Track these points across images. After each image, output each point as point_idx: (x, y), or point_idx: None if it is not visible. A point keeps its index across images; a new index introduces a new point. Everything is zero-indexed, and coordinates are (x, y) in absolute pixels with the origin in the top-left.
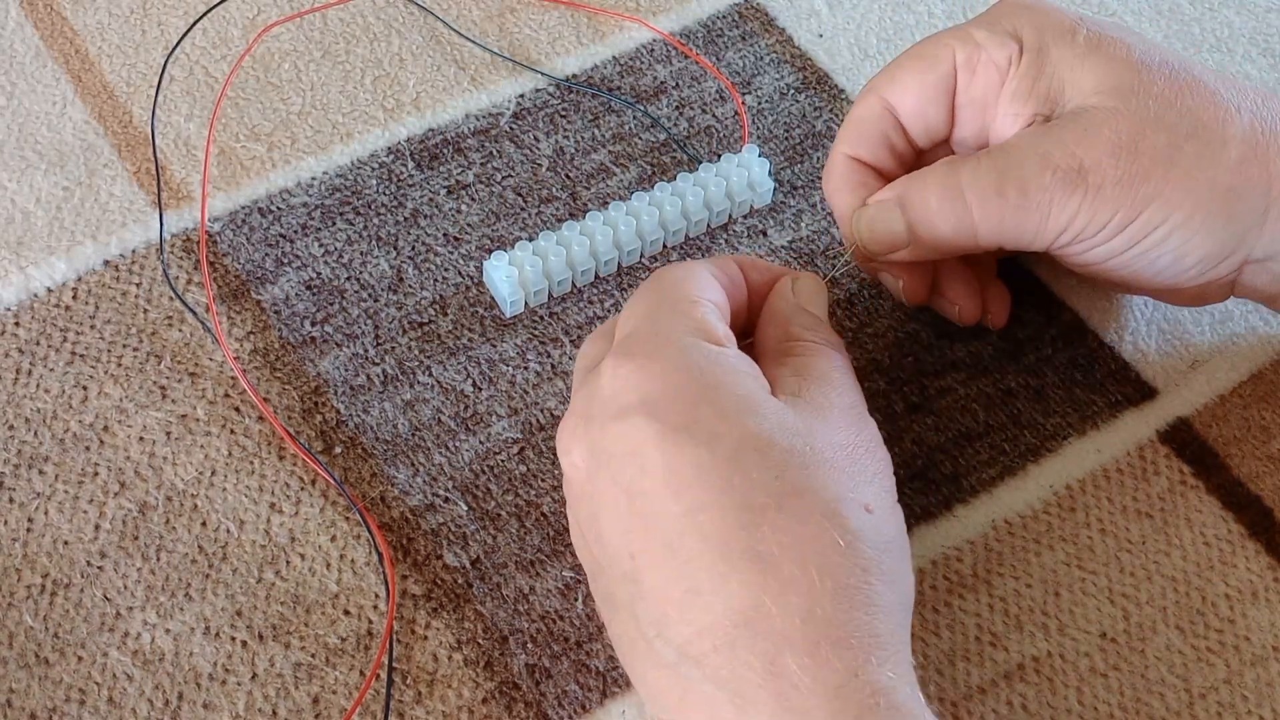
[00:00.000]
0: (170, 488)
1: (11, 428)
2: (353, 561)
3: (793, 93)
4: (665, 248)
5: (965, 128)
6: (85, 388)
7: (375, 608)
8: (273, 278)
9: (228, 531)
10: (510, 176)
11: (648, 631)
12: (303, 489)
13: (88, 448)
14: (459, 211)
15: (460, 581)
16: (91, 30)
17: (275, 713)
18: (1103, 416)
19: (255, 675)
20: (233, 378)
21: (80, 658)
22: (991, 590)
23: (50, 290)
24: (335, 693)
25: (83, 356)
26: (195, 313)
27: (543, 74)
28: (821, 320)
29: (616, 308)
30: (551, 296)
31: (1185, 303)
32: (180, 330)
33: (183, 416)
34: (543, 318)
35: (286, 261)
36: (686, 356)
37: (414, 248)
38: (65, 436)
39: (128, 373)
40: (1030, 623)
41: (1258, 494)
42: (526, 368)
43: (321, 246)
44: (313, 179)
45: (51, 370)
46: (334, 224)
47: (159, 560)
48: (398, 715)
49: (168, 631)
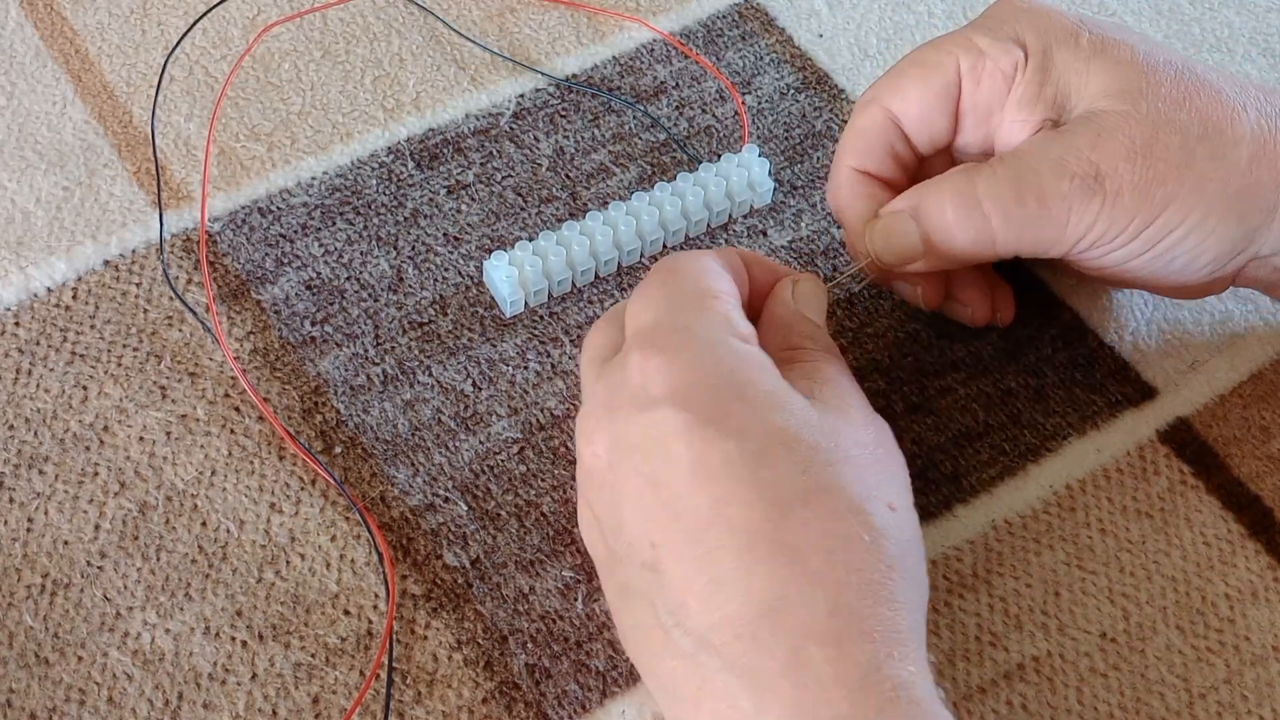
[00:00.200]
0: (170, 488)
1: (11, 428)
2: (353, 561)
3: (793, 93)
4: (665, 248)
5: (969, 134)
6: (85, 388)
7: (375, 608)
8: (273, 278)
9: (228, 531)
10: (510, 176)
11: (665, 621)
12: (303, 489)
13: (88, 448)
14: (459, 211)
15: (460, 581)
16: (91, 30)
17: (275, 713)
18: (1103, 416)
19: (255, 675)
20: (233, 378)
21: (80, 658)
22: (991, 590)
23: (50, 290)
24: (335, 693)
25: (83, 356)
26: (195, 313)
27: (543, 74)
28: (820, 327)
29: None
30: (551, 296)
31: (1189, 296)
32: (180, 330)
33: (183, 416)
34: (543, 318)
35: (286, 261)
36: (715, 351)
37: (414, 248)
38: (65, 436)
39: (128, 373)
40: (1030, 623)
41: (1258, 494)
42: (526, 368)
43: (321, 246)
44: (313, 179)
45: (51, 370)
46: (334, 224)
47: (159, 560)
48: (398, 715)
49: (168, 631)
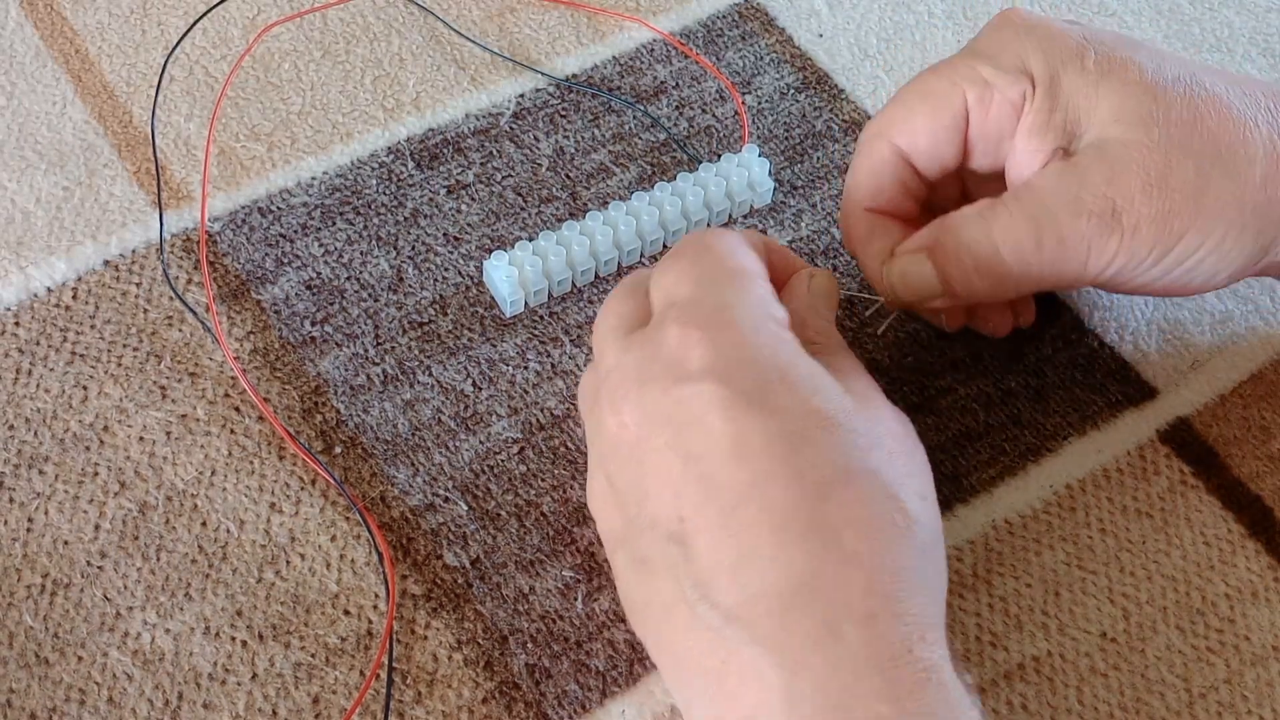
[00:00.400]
0: (170, 488)
1: (11, 428)
2: (353, 561)
3: (793, 93)
4: (665, 248)
5: (979, 160)
6: (85, 388)
7: (375, 608)
8: (273, 278)
9: (228, 531)
10: (510, 176)
11: (690, 595)
12: (303, 489)
13: (88, 448)
14: (459, 211)
15: (460, 581)
16: (91, 30)
17: (275, 713)
18: (1103, 416)
19: (255, 675)
20: (233, 378)
21: (80, 658)
22: (991, 590)
23: (50, 290)
24: (335, 693)
25: (83, 356)
26: (195, 313)
27: (543, 74)
28: (831, 324)
29: None
30: (551, 296)
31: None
32: (180, 330)
33: (183, 416)
34: (543, 318)
35: (286, 261)
36: (756, 330)
37: (414, 247)
38: (65, 436)
39: (128, 373)
40: (1030, 623)
41: (1258, 494)
42: (526, 368)
43: (321, 246)
44: (313, 179)
45: (51, 370)
46: (334, 224)
47: (159, 560)
48: (398, 715)
49: (168, 631)
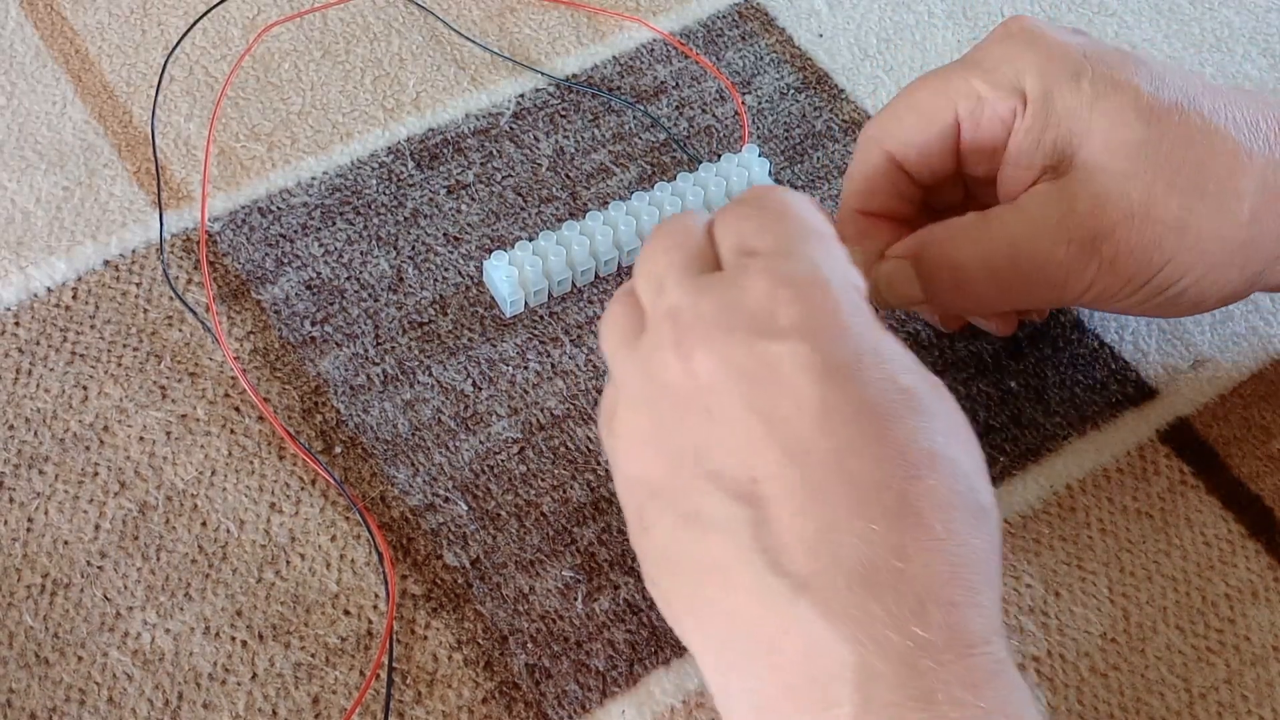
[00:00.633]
0: (170, 488)
1: (11, 428)
2: (353, 561)
3: (793, 93)
4: None
5: (974, 168)
6: (85, 388)
7: (375, 608)
8: (273, 278)
9: (228, 531)
10: (510, 176)
11: (756, 560)
12: (303, 489)
13: (88, 448)
14: (459, 211)
15: (460, 581)
16: (91, 30)
17: (275, 713)
18: (1103, 416)
19: (255, 675)
20: (233, 378)
21: (80, 658)
22: None
23: (50, 290)
24: (335, 693)
25: (83, 356)
26: (195, 313)
27: (543, 74)
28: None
29: None
30: (551, 296)
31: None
32: (180, 330)
33: (183, 416)
34: (543, 318)
35: (286, 261)
36: (849, 298)
37: (414, 247)
38: (65, 436)
39: (128, 373)
40: (1030, 623)
41: (1258, 494)
42: (526, 368)
43: (321, 246)
44: (313, 179)
45: (51, 370)
46: (334, 224)
47: (159, 560)
48: (398, 715)
49: (168, 631)
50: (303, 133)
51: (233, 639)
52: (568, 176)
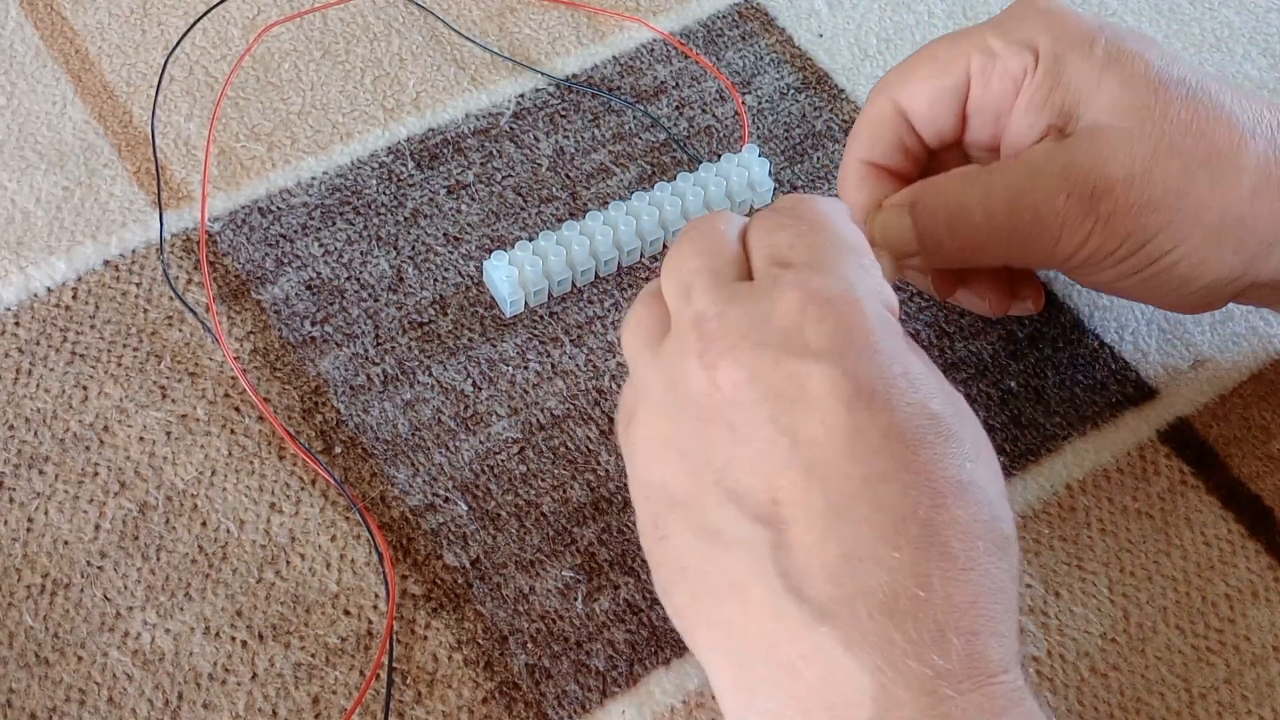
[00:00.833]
0: (170, 488)
1: (11, 428)
2: (353, 561)
3: (793, 93)
4: (665, 248)
5: (977, 133)
6: (85, 388)
7: (375, 608)
8: (273, 278)
9: (228, 531)
10: (510, 176)
11: (776, 583)
12: (303, 489)
13: (88, 448)
14: (459, 211)
15: (460, 581)
16: (91, 30)
17: (275, 713)
18: (1103, 416)
19: (255, 675)
20: (233, 378)
21: (80, 658)
22: None
23: (50, 290)
24: (335, 693)
25: (83, 356)
26: (195, 313)
27: (543, 74)
28: None
29: (617, 307)
30: (551, 296)
31: (1186, 312)
32: (180, 330)
33: (183, 416)
34: (543, 318)
35: (286, 261)
36: (881, 320)
37: (414, 248)
38: (65, 436)
39: (128, 373)
40: (1030, 623)
41: (1258, 494)
42: (526, 368)
43: (321, 246)
44: (313, 179)
45: (51, 370)
46: (334, 224)
47: (159, 560)
48: (398, 715)
49: (168, 631)
50: (303, 133)
51: (233, 639)
52: (568, 176)
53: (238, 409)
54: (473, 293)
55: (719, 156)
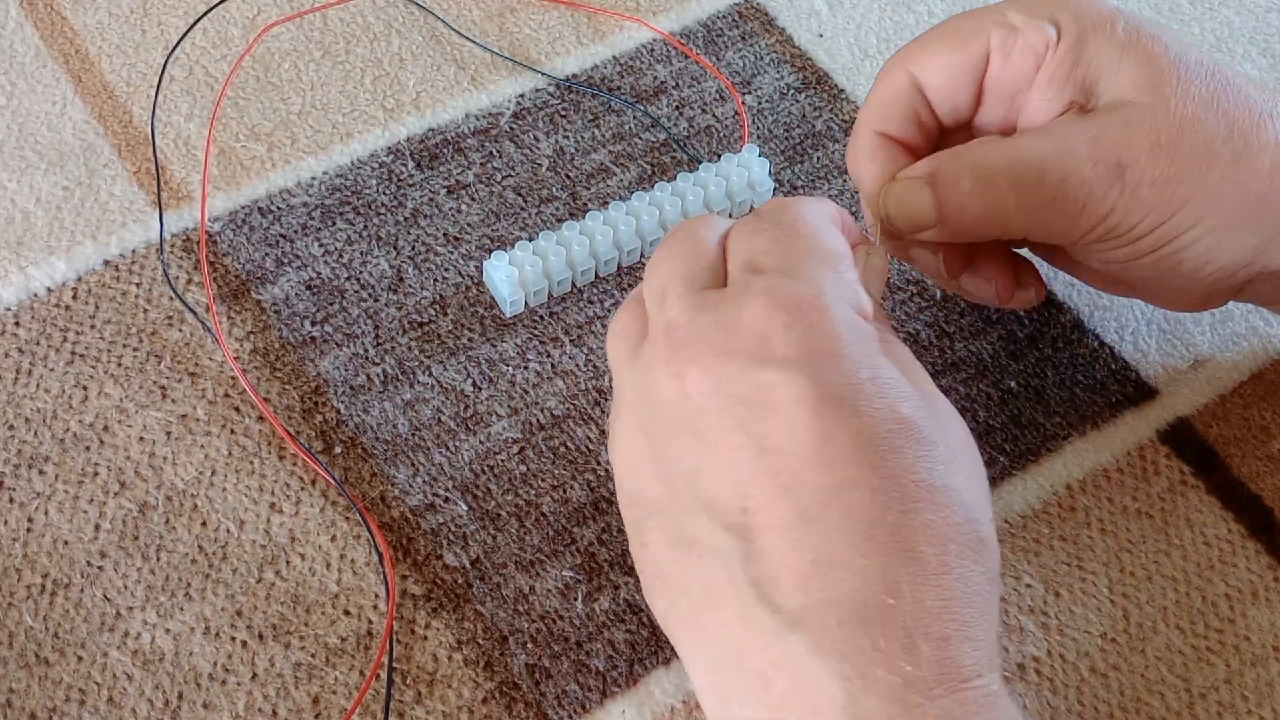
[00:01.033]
0: (170, 488)
1: (11, 428)
2: (353, 561)
3: (793, 93)
4: None
5: (990, 112)
6: (85, 388)
7: (375, 608)
8: (273, 278)
9: (228, 531)
10: (510, 176)
11: (746, 592)
12: (303, 489)
13: (88, 448)
14: (459, 211)
15: (460, 581)
16: (91, 30)
17: (275, 713)
18: (1103, 416)
19: (255, 675)
20: (233, 378)
21: (80, 658)
22: None
23: (50, 290)
24: (335, 693)
25: (83, 356)
26: (195, 313)
27: (543, 74)
28: (879, 304)
29: (617, 307)
30: (551, 296)
31: (1188, 309)
32: (180, 330)
33: (183, 416)
34: (543, 318)
35: (286, 261)
36: (849, 326)
37: (414, 248)
38: (65, 436)
39: (128, 373)
40: (1030, 623)
41: (1258, 494)
42: (526, 368)
43: (321, 246)
44: (313, 179)
45: (51, 370)
46: (334, 224)
47: (159, 560)
48: (398, 715)
49: (168, 631)
50: (303, 133)
51: (233, 639)
52: (568, 176)
53: (238, 409)
54: (473, 293)
55: (719, 156)
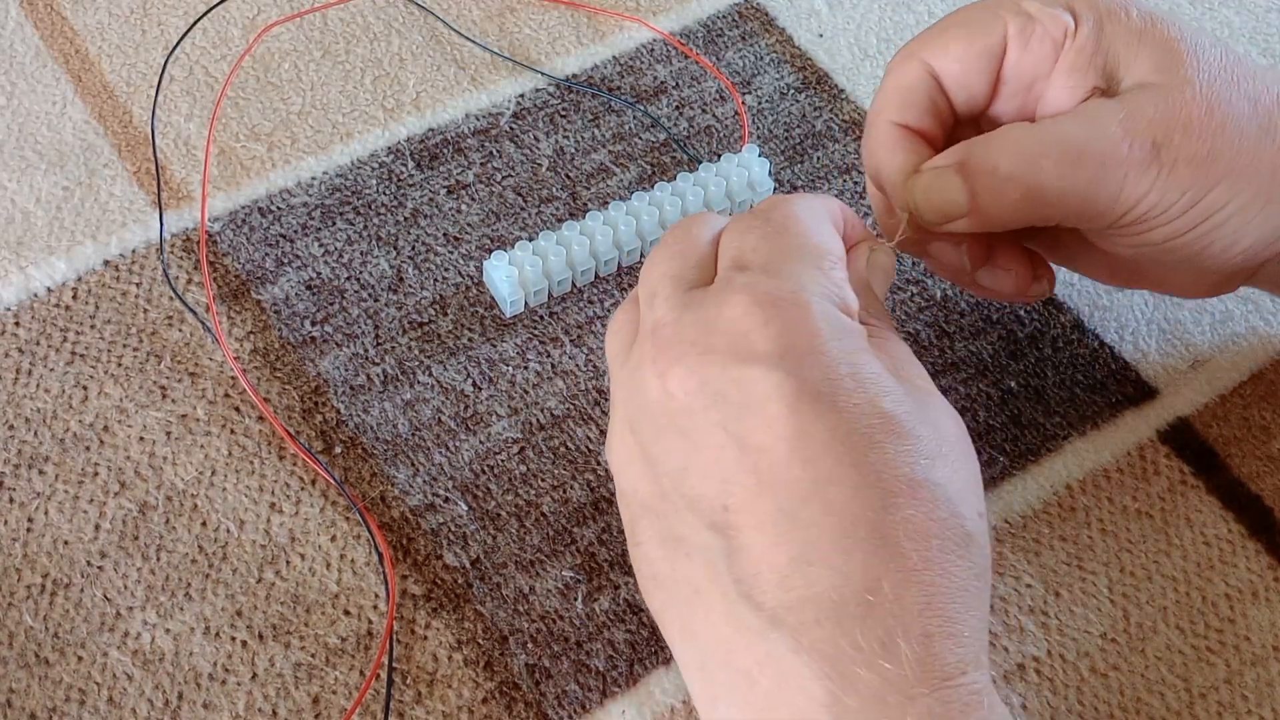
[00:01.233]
0: (170, 488)
1: (11, 428)
2: (353, 561)
3: (793, 93)
4: None
5: (1006, 102)
6: (85, 388)
7: (375, 608)
8: (273, 278)
9: (228, 531)
10: (510, 176)
11: (730, 590)
12: (303, 489)
13: (88, 448)
14: (459, 211)
15: (460, 581)
16: (91, 30)
17: (275, 713)
18: (1103, 416)
19: (255, 675)
20: (233, 378)
21: (80, 658)
22: (992, 590)
23: (50, 290)
24: (335, 693)
25: (83, 356)
26: (195, 313)
27: (543, 74)
28: (882, 302)
29: (616, 307)
30: (551, 296)
31: (1201, 294)
32: (180, 330)
33: (183, 416)
34: (543, 318)
35: (286, 261)
36: (830, 322)
37: (414, 248)
38: (65, 436)
39: (128, 373)
40: (1030, 623)
41: (1258, 494)
42: (526, 368)
43: (321, 246)
44: (313, 179)
45: (51, 370)
46: (334, 224)
47: (159, 560)
48: (398, 715)
49: (168, 631)
50: (303, 133)
51: (233, 639)
52: (568, 176)
53: (238, 409)
54: (473, 293)
55: (719, 156)
